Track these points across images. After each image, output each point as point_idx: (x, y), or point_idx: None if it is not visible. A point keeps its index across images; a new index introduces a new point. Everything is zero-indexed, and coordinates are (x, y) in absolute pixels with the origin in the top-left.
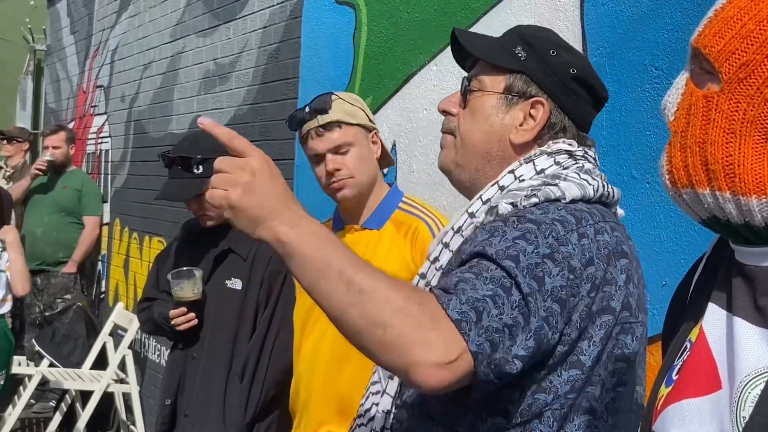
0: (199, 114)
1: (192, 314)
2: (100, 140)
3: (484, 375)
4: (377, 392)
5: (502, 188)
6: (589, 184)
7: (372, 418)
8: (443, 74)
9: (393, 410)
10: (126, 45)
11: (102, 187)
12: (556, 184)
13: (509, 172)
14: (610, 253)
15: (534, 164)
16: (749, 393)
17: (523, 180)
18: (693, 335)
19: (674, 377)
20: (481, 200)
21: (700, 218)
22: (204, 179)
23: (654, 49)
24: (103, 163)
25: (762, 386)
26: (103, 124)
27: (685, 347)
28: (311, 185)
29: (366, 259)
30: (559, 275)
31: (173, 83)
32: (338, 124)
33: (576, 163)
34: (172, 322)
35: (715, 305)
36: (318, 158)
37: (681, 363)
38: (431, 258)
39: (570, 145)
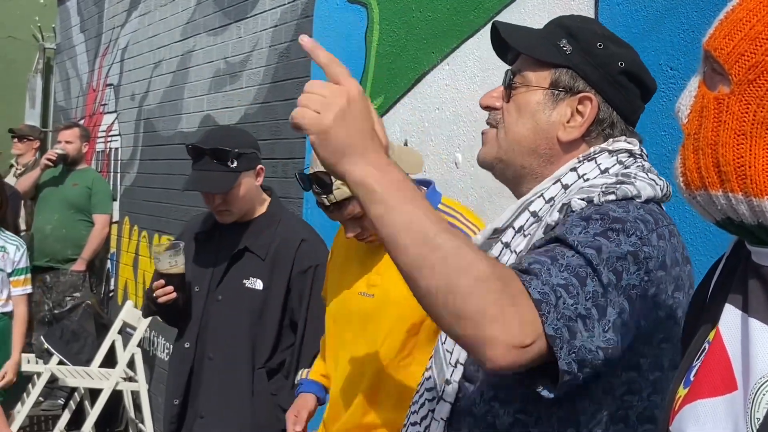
0: (209, 113)
1: (170, 288)
2: (109, 139)
3: (566, 364)
4: (433, 399)
5: (566, 186)
6: (657, 184)
7: (428, 427)
8: (455, 73)
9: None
10: (136, 43)
11: (111, 186)
12: (632, 183)
13: (571, 170)
14: (683, 257)
15: (596, 162)
16: (764, 394)
17: (587, 179)
18: (711, 336)
19: (692, 378)
20: (544, 198)
21: (714, 220)
22: (238, 173)
23: (669, 49)
24: (112, 162)
25: None
26: (112, 123)
27: (704, 349)
28: None
29: None
30: (635, 274)
31: (183, 82)
32: (348, 199)
33: (635, 162)
34: (154, 295)
35: (732, 306)
36: None
37: (699, 364)
38: (504, 241)
39: (631, 144)
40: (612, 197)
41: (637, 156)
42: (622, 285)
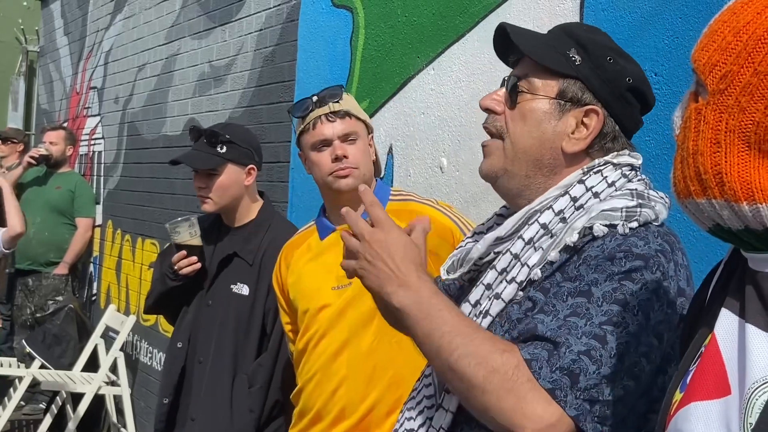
0: (193, 116)
1: (194, 257)
2: (93, 142)
3: (593, 429)
4: (432, 406)
5: (574, 199)
6: (666, 202)
7: None
8: (441, 78)
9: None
10: (120, 46)
11: (95, 189)
12: (652, 207)
13: (579, 182)
14: (690, 276)
15: (603, 175)
16: (757, 400)
17: (597, 193)
18: (707, 341)
19: (688, 383)
20: (553, 211)
21: (706, 227)
22: (223, 160)
23: (653, 55)
24: (95, 165)
25: None
26: (96, 126)
27: (700, 353)
28: (306, 188)
29: None
30: (659, 310)
31: (168, 85)
32: (348, 113)
33: (637, 176)
34: (176, 267)
35: (728, 311)
36: (323, 145)
37: (695, 369)
38: (498, 268)
39: (634, 158)
40: (635, 224)
41: (638, 170)
42: (651, 324)
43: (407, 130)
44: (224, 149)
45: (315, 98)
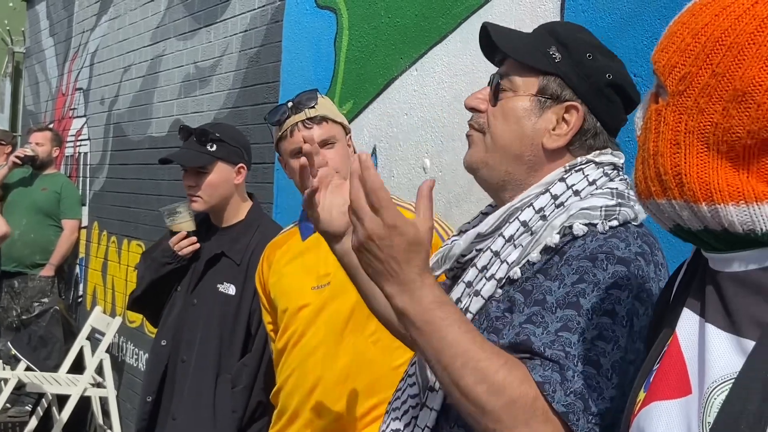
0: (178, 117)
1: (194, 237)
2: (79, 143)
3: None
4: (417, 405)
5: (555, 197)
6: None
7: None
8: (424, 79)
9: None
10: (106, 48)
11: (80, 190)
12: (631, 206)
13: (560, 180)
14: (669, 280)
15: (584, 173)
16: (715, 399)
17: (577, 190)
18: (670, 341)
19: (651, 382)
20: (534, 208)
21: (667, 227)
22: (213, 158)
23: (633, 56)
24: (81, 166)
25: (727, 393)
26: (82, 127)
27: (663, 353)
28: (291, 189)
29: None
30: (643, 315)
31: (153, 86)
32: (325, 118)
33: (619, 176)
34: (175, 248)
35: (690, 311)
36: (302, 151)
37: (657, 368)
38: (479, 266)
39: (617, 157)
40: (615, 222)
41: (620, 169)
42: (636, 330)
43: (391, 131)
44: (214, 147)
45: (290, 104)
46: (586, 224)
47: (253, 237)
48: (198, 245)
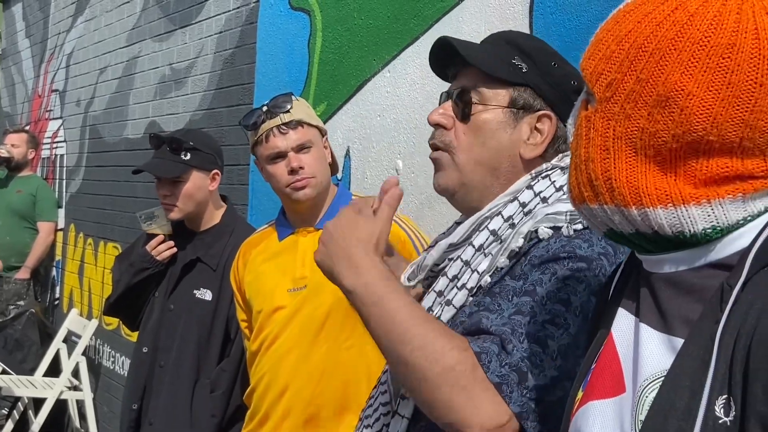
0: (154, 119)
1: (171, 242)
2: (55, 145)
3: (533, 429)
4: (388, 413)
5: (523, 204)
6: None
7: None
8: (396, 80)
9: None
10: (81, 49)
11: (57, 192)
12: None
13: (527, 187)
14: None
15: (551, 179)
16: (647, 397)
17: (545, 197)
18: (606, 340)
19: (588, 381)
20: (502, 217)
21: (601, 231)
22: (188, 167)
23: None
24: (58, 168)
25: (657, 390)
26: (58, 129)
27: (600, 352)
28: (266, 190)
29: None
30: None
31: (129, 88)
32: (300, 123)
33: None
34: (153, 253)
35: (625, 311)
36: (278, 157)
37: (594, 367)
38: (449, 275)
39: None
40: (579, 226)
41: None
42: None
43: (364, 132)
44: (188, 156)
45: (265, 108)
46: (551, 227)
47: (228, 241)
48: (175, 249)
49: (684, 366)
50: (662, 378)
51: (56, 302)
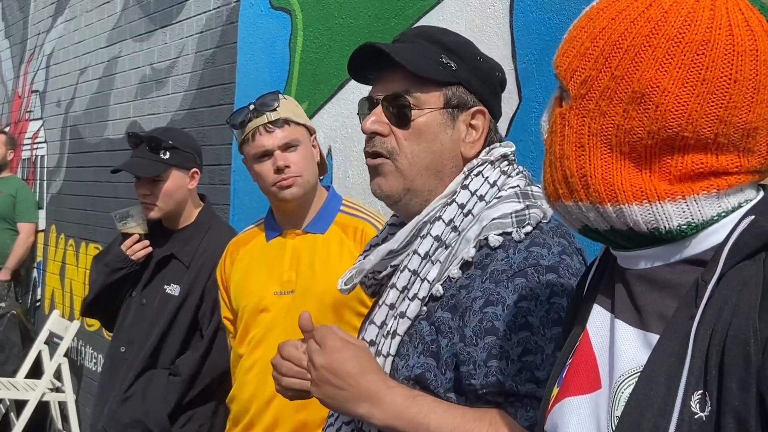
0: (135, 119)
1: (146, 241)
2: (35, 146)
3: None
4: (352, 431)
5: (462, 206)
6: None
7: None
8: None
9: None
10: (62, 49)
11: (38, 194)
12: (539, 206)
13: (462, 188)
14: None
15: (483, 176)
16: (623, 393)
17: (482, 196)
18: (582, 336)
19: (563, 378)
20: (444, 222)
21: (576, 228)
22: (167, 166)
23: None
24: (38, 169)
25: (633, 386)
26: (38, 130)
27: (575, 348)
28: (248, 190)
29: (317, 264)
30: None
31: (109, 88)
32: (287, 121)
33: (515, 169)
34: (128, 252)
35: (600, 307)
36: (264, 156)
37: (569, 364)
38: (399, 287)
39: (506, 146)
40: (529, 228)
41: (512, 160)
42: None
43: (345, 131)
44: (168, 155)
45: (252, 107)
46: (500, 234)
47: (203, 239)
48: (151, 249)
49: (660, 362)
50: (638, 374)
51: (38, 304)
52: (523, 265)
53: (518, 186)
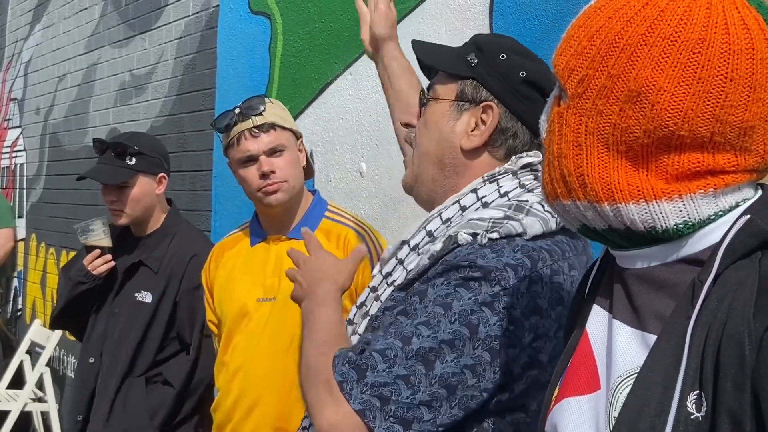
0: (115, 126)
1: (108, 255)
2: (14, 154)
3: (388, 430)
4: None
5: (463, 208)
6: (553, 217)
7: None
8: (358, 83)
9: None
10: (40, 57)
11: (17, 202)
12: (519, 220)
13: (472, 191)
14: (563, 297)
15: (498, 184)
16: (620, 393)
17: (486, 203)
18: (581, 337)
19: (563, 378)
20: (441, 219)
21: (574, 227)
22: (134, 171)
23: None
24: (18, 178)
25: (630, 387)
26: (17, 138)
27: (575, 349)
28: (230, 196)
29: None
30: (495, 325)
31: (89, 95)
32: (273, 126)
33: (539, 184)
34: (89, 267)
35: (599, 307)
36: (250, 160)
37: (569, 364)
38: (383, 272)
39: (533, 156)
40: (495, 235)
41: (538, 173)
42: (479, 337)
43: (327, 136)
44: (134, 161)
45: (237, 110)
46: (470, 234)
47: (171, 244)
48: (113, 263)
49: (656, 362)
50: (635, 374)
51: (18, 313)
52: (461, 259)
53: (526, 200)
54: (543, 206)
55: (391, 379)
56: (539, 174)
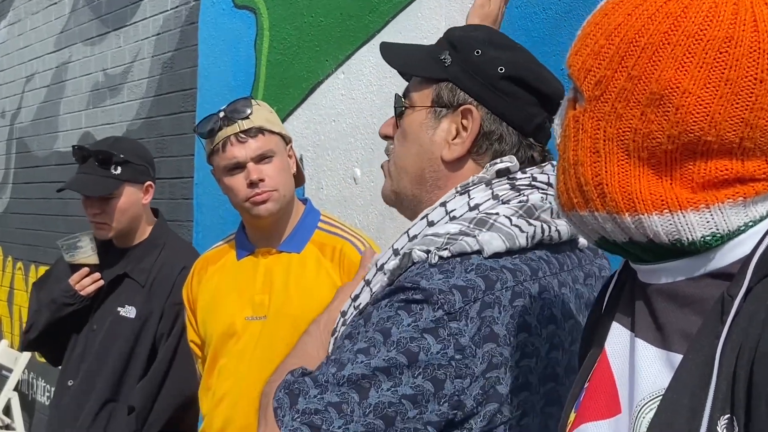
0: (88, 130)
1: (97, 274)
2: None
3: None
4: None
5: (431, 223)
6: (522, 232)
7: None
8: (351, 83)
9: None
10: (6, 56)
11: None
12: (474, 236)
13: (441, 205)
14: (529, 322)
15: (469, 196)
16: (644, 418)
17: (454, 217)
18: (599, 357)
19: (581, 402)
20: (408, 236)
21: (592, 240)
22: (120, 181)
23: (567, 52)
24: None
25: (655, 410)
26: None
27: (593, 370)
28: (212, 205)
29: (291, 286)
30: (438, 353)
31: (59, 97)
32: (261, 130)
33: (518, 196)
34: (77, 287)
35: (619, 325)
36: (236, 168)
37: (587, 387)
38: (352, 295)
39: (506, 161)
40: (446, 253)
41: (523, 187)
42: (420, 365)
43: (317, 139)
44: (119, 170)
45: (222, 114)
46: (424, 251)
47: (159, 256)
48: (102, 282)
49: (683, 384)
50: (660, 397)
51: None
52: (406, 280)
53: (497, 213)
54: (511, 220)
55: (322, 406)
56: (517, 182)
